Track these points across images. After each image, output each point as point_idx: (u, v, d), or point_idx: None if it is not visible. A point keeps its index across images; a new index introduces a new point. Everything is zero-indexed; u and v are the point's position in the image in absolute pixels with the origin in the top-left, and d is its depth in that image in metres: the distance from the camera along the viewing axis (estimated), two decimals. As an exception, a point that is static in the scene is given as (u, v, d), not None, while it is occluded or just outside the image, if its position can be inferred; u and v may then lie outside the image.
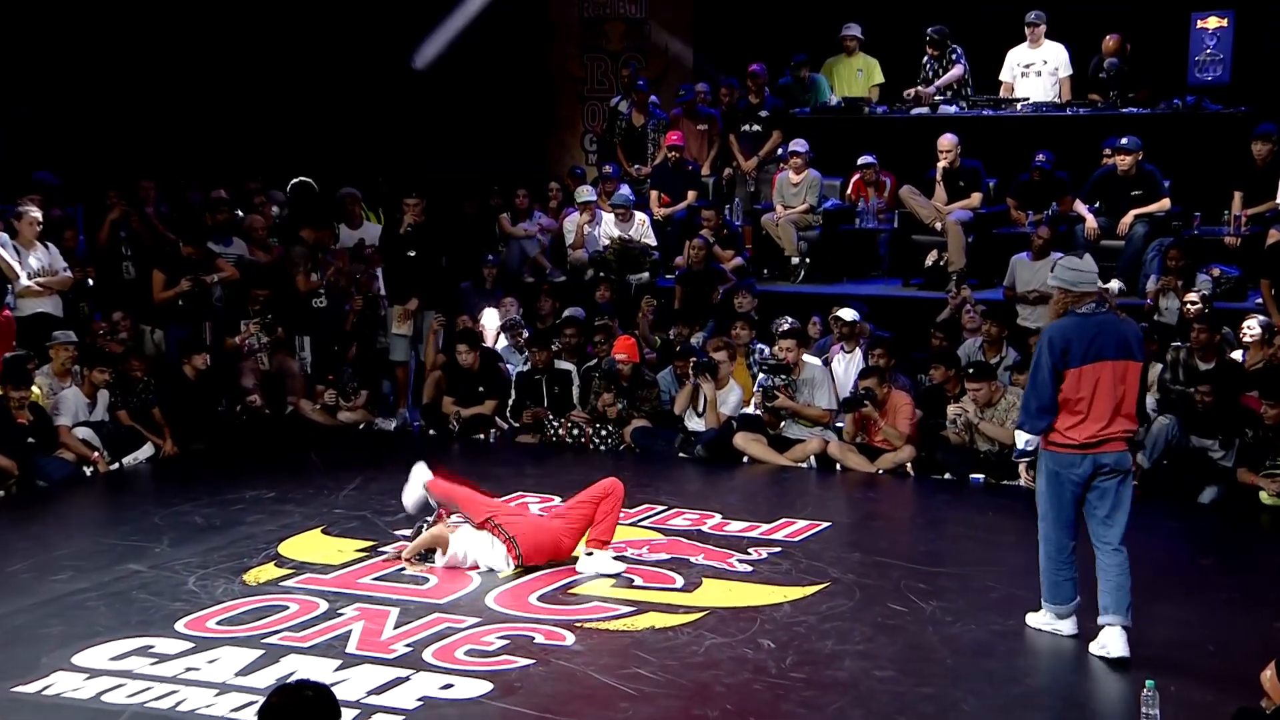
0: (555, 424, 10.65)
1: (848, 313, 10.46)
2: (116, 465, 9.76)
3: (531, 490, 9.05)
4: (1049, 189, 11.57)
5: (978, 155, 11.91)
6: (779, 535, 8.09)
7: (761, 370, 10.15)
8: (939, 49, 12.66)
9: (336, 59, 14.09)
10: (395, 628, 6.48)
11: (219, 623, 6.55)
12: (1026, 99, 12.26)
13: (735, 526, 8.26)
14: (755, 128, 13.08)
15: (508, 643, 6.29)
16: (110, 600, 6.88)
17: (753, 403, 10.23)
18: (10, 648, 6.25)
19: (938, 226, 11.68)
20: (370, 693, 5.74)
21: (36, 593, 7.01)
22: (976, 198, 11.80)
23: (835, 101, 13.12)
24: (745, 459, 10.04)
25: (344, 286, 11.62)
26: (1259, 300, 10.34)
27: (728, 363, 10.27)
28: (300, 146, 13.57)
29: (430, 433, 10.96)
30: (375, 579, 7.23)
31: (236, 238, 11.67)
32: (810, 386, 9.96)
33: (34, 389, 9.48)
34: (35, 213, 10.23)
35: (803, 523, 8.34)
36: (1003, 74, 12.53)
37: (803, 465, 9.90)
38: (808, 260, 12.24)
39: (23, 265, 10.06)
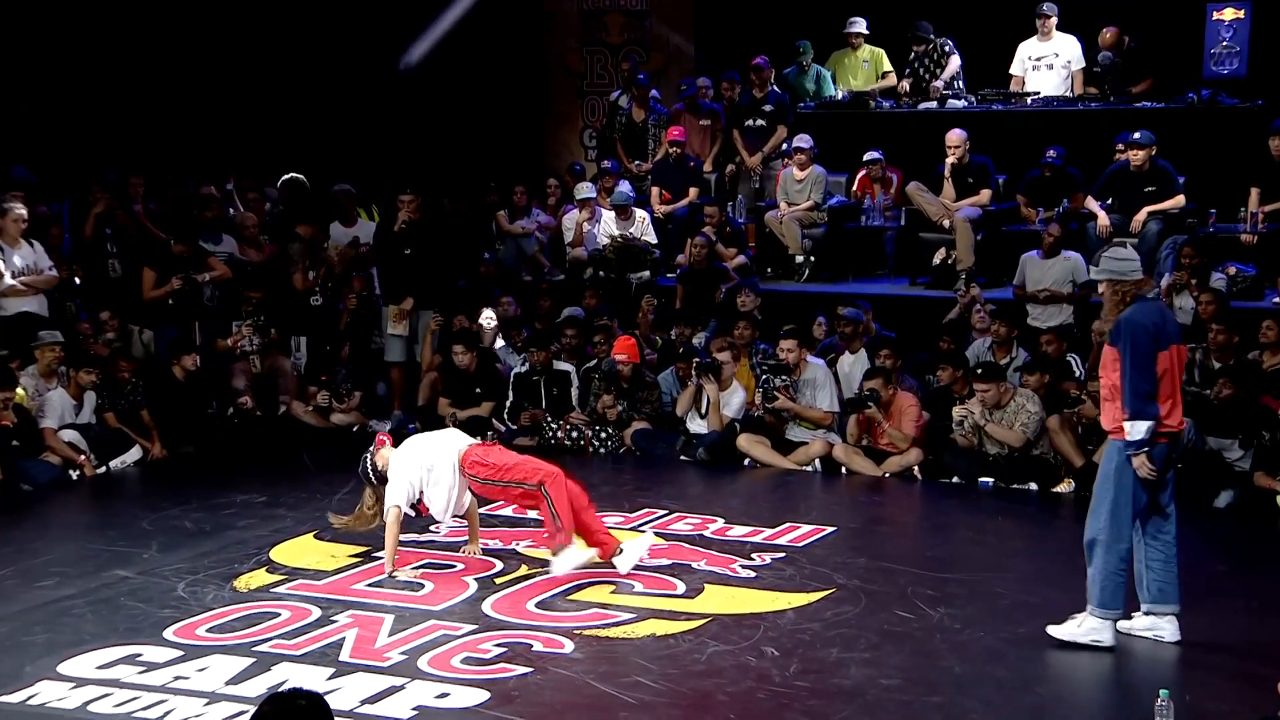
0: (554, 426, 10.64)
1: (848, 311, 10.48)
2: (103, 469, 9.76)
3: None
4: (1060, 185, 11.57)
5: (987, 151, 11.90)
6: (783, 540, 8.09)
7: (762, 370, 10.15)
8: (924, 44, 12.68)
9: (330, 53, 14.09)
10: (390, 635, 6.47)
11: (209, 630, 6.54)
12: (1037, 93, 12.26)
13: (738, 531, 8.26)
14: (759, 122, 13.08)
15: (505, 650, 6.29)
16: (97, 607, 6.87)
17: (756, 404, 10.23)
18: (-6, 656, 6.24)
19: (946, 224, 11.68)
20: (364, 702, 5.73)
21: (21, 600, 7.00)
22: (986, 194, 11.79)
23: (841, 96, 13.12)
24: (748, 462, 10.04)
25: (338, 282, 11.63)
26: (1276, 300, 10.33)
27: (730, 363, 10.27)
28: (294, 142, 13.58)
29: (426, 435, 10.95)
30: (369, 585, 7.23)
31: (227, 235, 11.66)
32: (812, 387, 9.96)
33: (18, 390, 9.48)
34: (20, 210, 10.23)
35: (807, 527, 8.34)
36: (1013, 67, 12.53)
37: (807, 468, 9.89)
38: (812, 259, 12.24)
39: (7, 264, 10.06)
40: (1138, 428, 6.12)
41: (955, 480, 9.56)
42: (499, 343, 11.55)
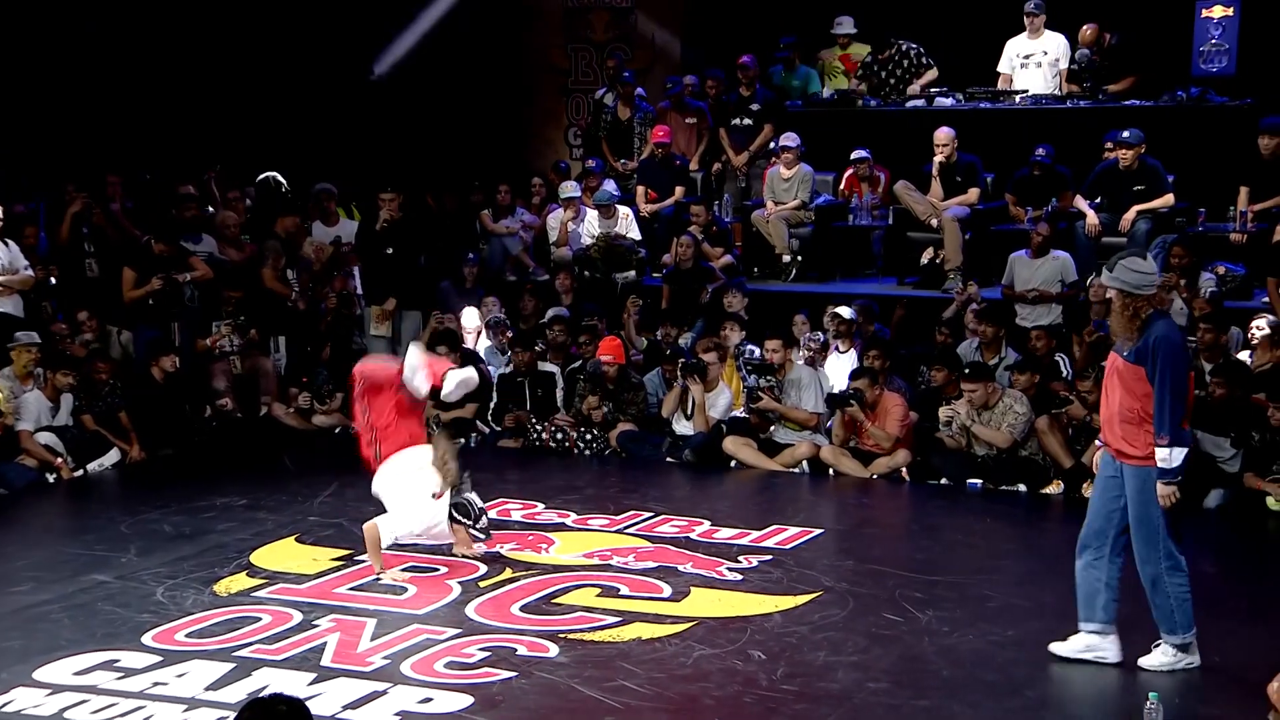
0: (539, 428, 10.64)
1: (846, 310, 10.50)
2: (81, 471, 9.72)
3: (514, 496, 9.05)
4: (1049, 184, 11.61)
5: (975, 149, 11.93)
6: (770, 542, 8.10)
7: (747, 371, 10.17)
8: (888, 49, 12.73)
9: (312, 52, 14.06)
10: (372, 639, 6.46)
11: (188, 635, 6.52)
12: (1025, 91, 12.30)
13: (725, 533, 8.26)
14: (746, 121, 13.10)
15: (489, 654, 6.28)
16: (74, 612, 6.85)
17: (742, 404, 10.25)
18: (-31, 662, 6.22)
19: (933, 223, 11.71)
20: (346, 707, 5.72)
21: (-3, 604, 6.98)
22: (974, 193, 11.82)
23: (828, 94, 13.14)
24: (735, 464, 10.05)
25: (318, 281, 11.62)
26: (1265, 299, 10.38)
27: (717, 364, 10.27)
28: (275, 141, 13.55)
29: (408, 437, 10.93)
30: (351, 589, 7.22)
31: (207, 235, 11.63)
32: (797, 388, 9.97)
33: (-5, 392, 9.45)
34: (-4, 209, 10.20)
35: (794, 529, 8.35)
36: (1001, 65, 12.57)
37: (794, 470, 9.91)
38: (799, 258, 12.26)
39: (-18, 264, 10.02)
40: (1176, 454, 5.86)
41: (943, 482, 9.58)
42: (483, 343, 11.54)
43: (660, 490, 9.43)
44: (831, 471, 9.85)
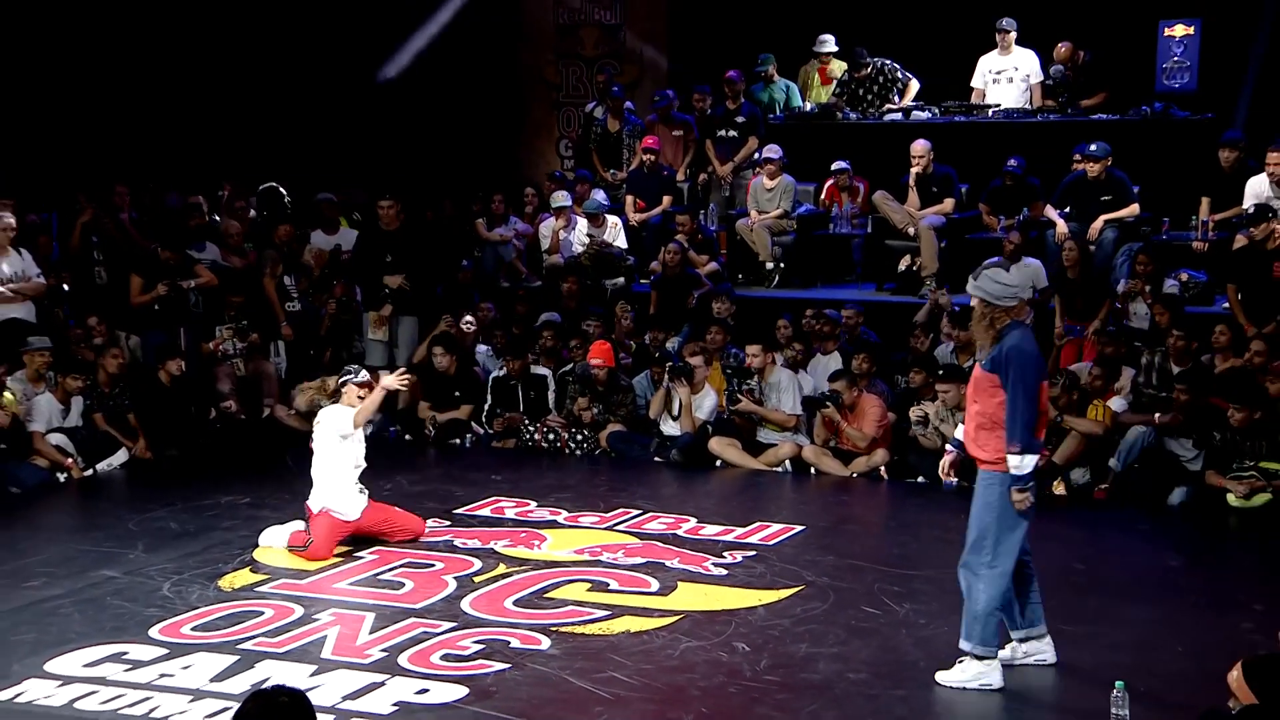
0: (531, 429, 10.63)
1: (830, 311, 10.53)
2: (90, 471, 9.70)
3: (506, 495, 9.04)
4: (1020, 194, 11.64)
5: (950, 161, 11.95)
6: (754, 539, 8.10)
7: (729, 374, 10.18)
8: (863, 69, 12.73)
9: (312, 64, 14.04)
10: (371, 633, 6.45)
11: (193, 629, 6.51)
12: (998, 105, 12.33)
13: (710, 530, 8.27)
14: (731, 133, 13.11)
15: (483, 647, 6.28)
16: (84, 606, 6.83)
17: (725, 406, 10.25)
18: (-18, 655, 6.20)
19: (911, 231, 11.73)
20: (345, 698, 5.71)
21: (9, 599, 6.95)
22: (949, 203, 11.85)
23: (809, 108, 13.16)
24: (720, 463, 10.05)
25: (317, 287, 11.61)
26: (1225, 304, 10.42)
27: (703, 367, 10.27)
28: (277, 151, 13.52)
29: (406, 438, 10.92)
30: (350, 584, 7.21)
31: (210, 243, 11.60)
32: (776, 391, 9.98)
33: (7, 395, 9.40)
34: (8, 219, 10.17)
35: (777, 526, 8.35)
36: (974, 80, 12.60)
37: (777, 469, 9.91)
38: (782, 265, 12.27)
39: (-5, 271, 9.99)
40: (1027, 462, 5.71)
41: (920, 480, 9.59)
42: (480, 347, 11.52)
43: (648, 489, 9.43)
44: (813, 470, 9.85)
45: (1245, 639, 6.33)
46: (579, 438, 10.50)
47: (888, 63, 12.85)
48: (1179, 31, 11.80)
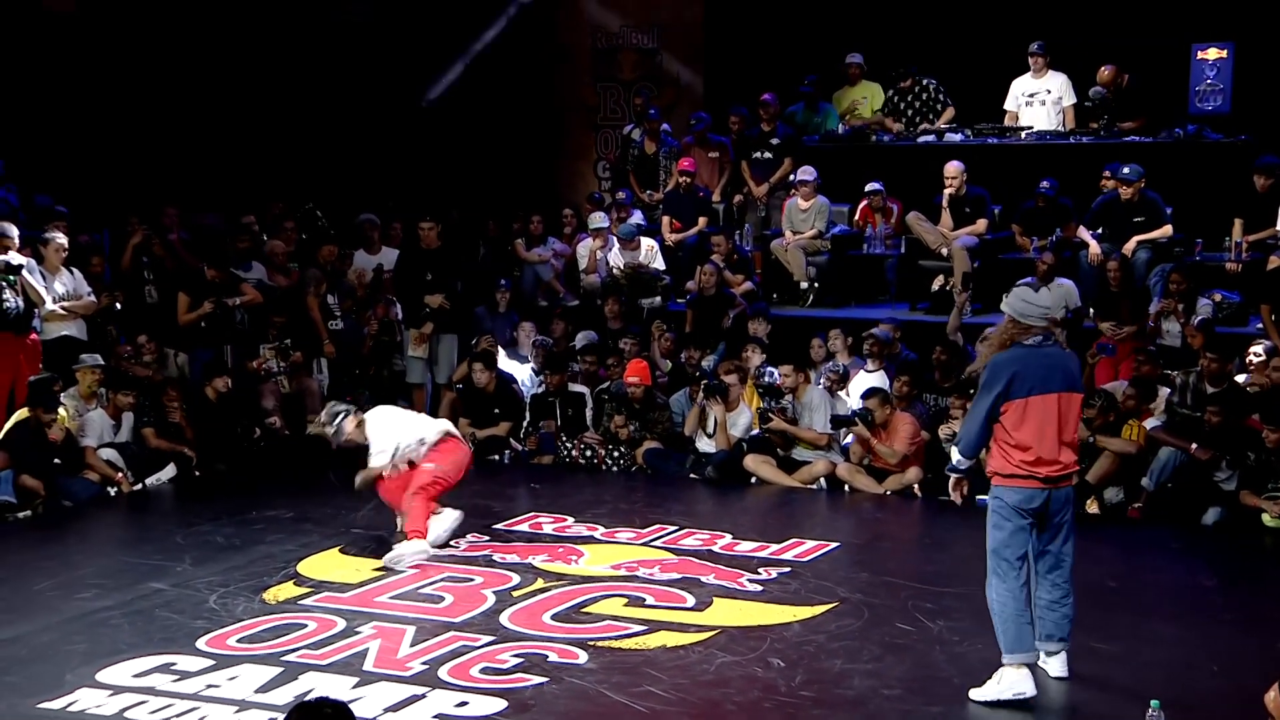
0: (569, 445, 10.65)
1: (880, 330, 10.51)
2: (140, 486, 9.79)
3: (544, 510, 9.06)
4: (1053, 215, 11.58)
5: (983, 182, 11.92)
6: (788, 555, 8.08)
7: (761, 393, 10.17)
8: (908, 80, 12.72)
9: (356, 89, 14.17)
10: (411, 645, 6.48)
11: (239, 640, 6.56)
12: (1030, 127, 12.29)
13: (745, 547, 8.25)
14: (766, 155, 13.13)
15: (522, 661, 6.30)
16: (133, 618, 6.90)
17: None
18: (35, 665, 6.27)
19: (944, 252, 11.69)
20: (387, 710, 5.74)
21: (61, 611, 7.04)
22: (982, 224, 11.81)
23: (843, 130, 13.16)
24: (755, 480, 10.03)
25: (361, 307, 11.71)
26: (1259, 325, 10.32)
27: (738, 385, 10.27)
28: (322, 173, 13.65)
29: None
30: (392, 597, 7.25)
31: (256, 262, 11.72)
32: (809, 410, 9.96)
33: (60, 411, 9.52)
34: (61, 239, 10.31)
35: (812, 543, 8.33)
36: (1007, 103, 12.56)
37: (812, 487, 9.88)
38: (816, 285, 12.26)
39: (49, 290, 10.12)
40: (960, 457, 6.12)
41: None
42: (524, 365, 11.54)
43: (684, 505, 9.42)
44: (847, 488, 9.82)
45: (1281, 659, 6.26)
46: (616, 454, 10.51)
47: (932, 81, 12.84)
48: (1212, 55, 11.74)
